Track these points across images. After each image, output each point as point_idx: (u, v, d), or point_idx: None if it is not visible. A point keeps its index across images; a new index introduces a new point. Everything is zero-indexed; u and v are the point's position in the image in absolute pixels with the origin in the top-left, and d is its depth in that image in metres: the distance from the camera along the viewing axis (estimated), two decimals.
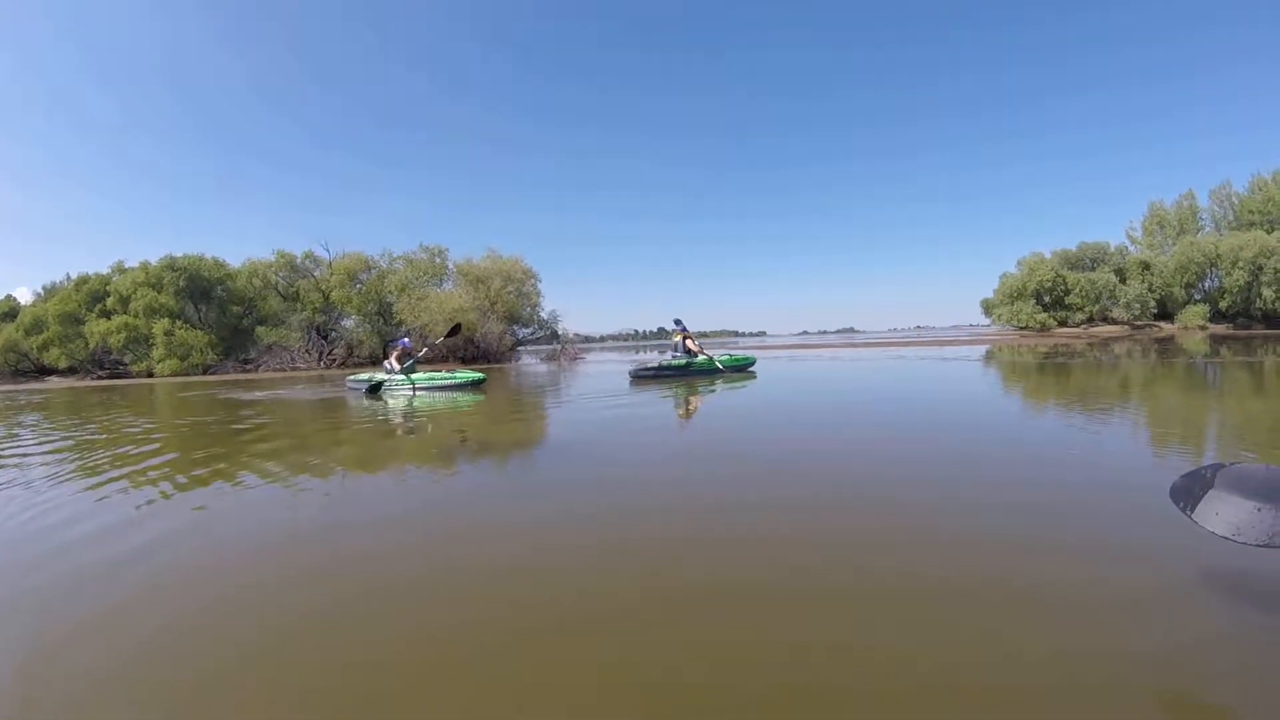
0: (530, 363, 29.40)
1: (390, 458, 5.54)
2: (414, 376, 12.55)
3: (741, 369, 13.49)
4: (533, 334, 32.99)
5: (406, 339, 13.74)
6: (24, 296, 48.07)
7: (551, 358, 30.52)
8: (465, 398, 10.95)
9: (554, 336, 32.94)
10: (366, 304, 33.08)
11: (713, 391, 10.06)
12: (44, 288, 45.77)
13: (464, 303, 29.54)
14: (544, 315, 32.74)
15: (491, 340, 30.20)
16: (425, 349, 13.73)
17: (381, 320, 32.97)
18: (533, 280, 32.21)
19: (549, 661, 1.71)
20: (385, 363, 13.19)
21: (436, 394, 11.68)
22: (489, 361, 30.27)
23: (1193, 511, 1.76)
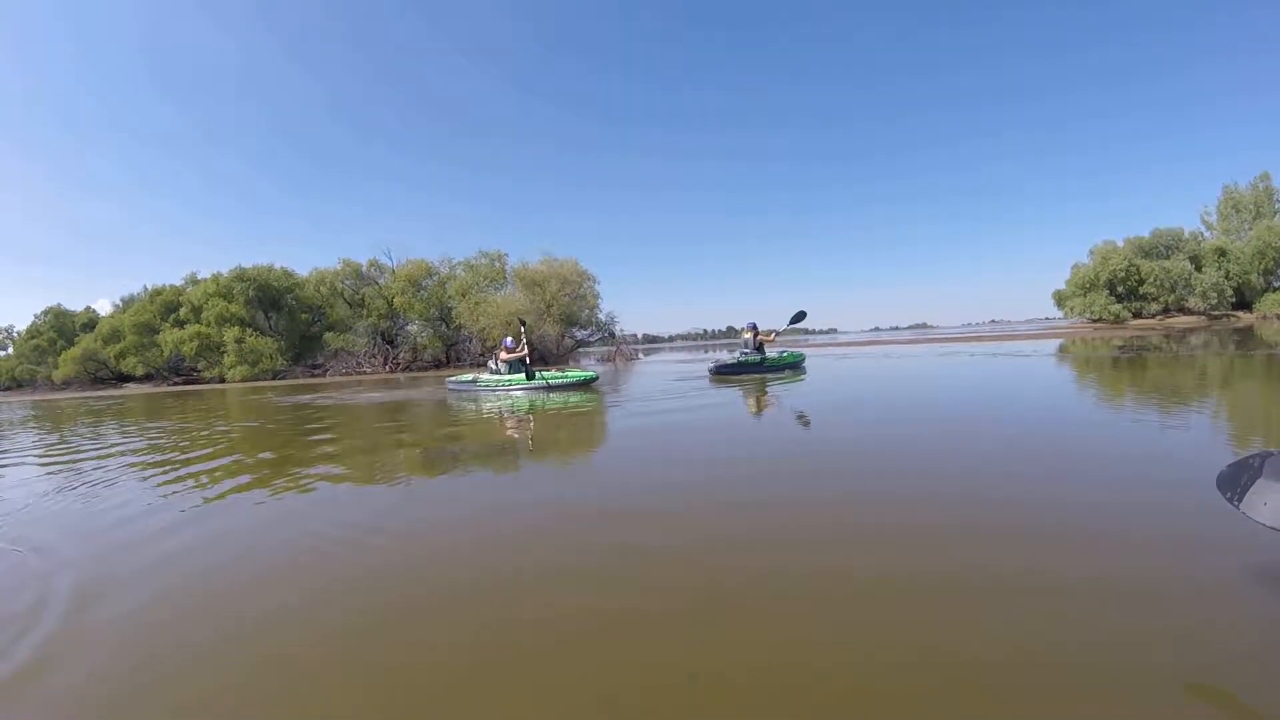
0: (589, 364, 28.84)
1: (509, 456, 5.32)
2: (519, 377, 11.98)
3: (793, 367, 13.59)
4: (591, 335, 32.36)
5: (510, 339, 13.06)
6: (104, 308, 49.60)
7: (608, 359, 29.99)
8: (575, 397, 10.33)
9: (611, 337, 32.30)
10: (428, 309, 32.96)
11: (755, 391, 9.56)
12: (122, 299, 47.04)
13: (521, 306, 29.13)
14: (602, 317, 32.12)
15: (549, 343, 29.72)
16: (525, 347, 13.08)
17: (444, 325, 32.82)
18: (589, 282, 31.66)
19: (598, 663, 1.68)
20: (490, 363, 12.78)
21: (546, 394, 11.09)
22: (546, 364, 29.85)
23: (1240, 502, 1.65)
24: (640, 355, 32.14)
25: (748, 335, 13.61)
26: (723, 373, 12.74)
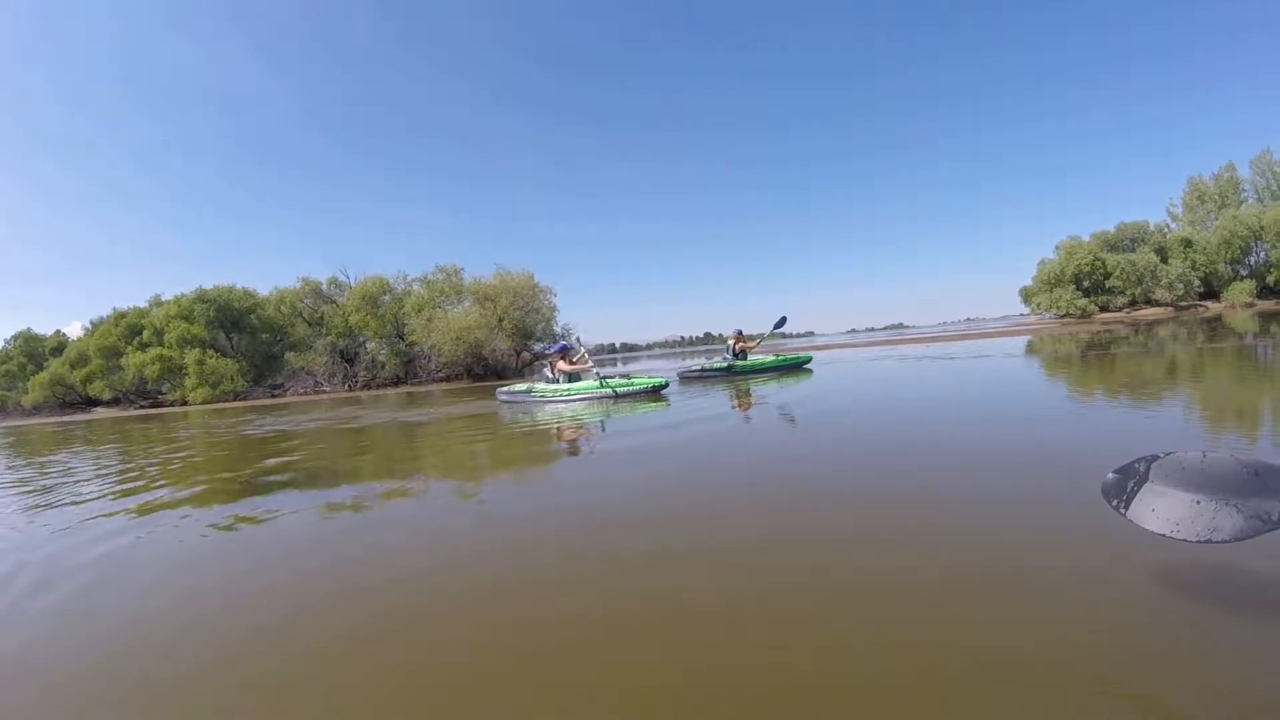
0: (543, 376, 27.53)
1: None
2: (581, 385, 10.62)
3: (777, 369, 13.50)
4: (548, 348, 30.93)
5: (564, 343, 11.76)
6: (74, 331, 48.04)
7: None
8: (646, 405, 8.89)
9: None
10: (384, 326, 31.52)
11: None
12: (91, 322, 45.46)
13: (472, 321, 27.72)
14: (558, 329, 30.66)
15: (501, 357, 28.33)
16: (582, 351, 11.73)
17: (400, 342, 31.38)
18: (545, 295, 30.21)
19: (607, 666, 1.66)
20: (545, 372, 11.44)
21: (614, 402, 9.76)
22: (500, 378, 28.51)
23: (1127, 509, 1.59)
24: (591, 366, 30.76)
25: (730, 341, 13.95)
26: (688, 377, 13.19)
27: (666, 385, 10.77)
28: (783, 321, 14.53)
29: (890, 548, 2.31)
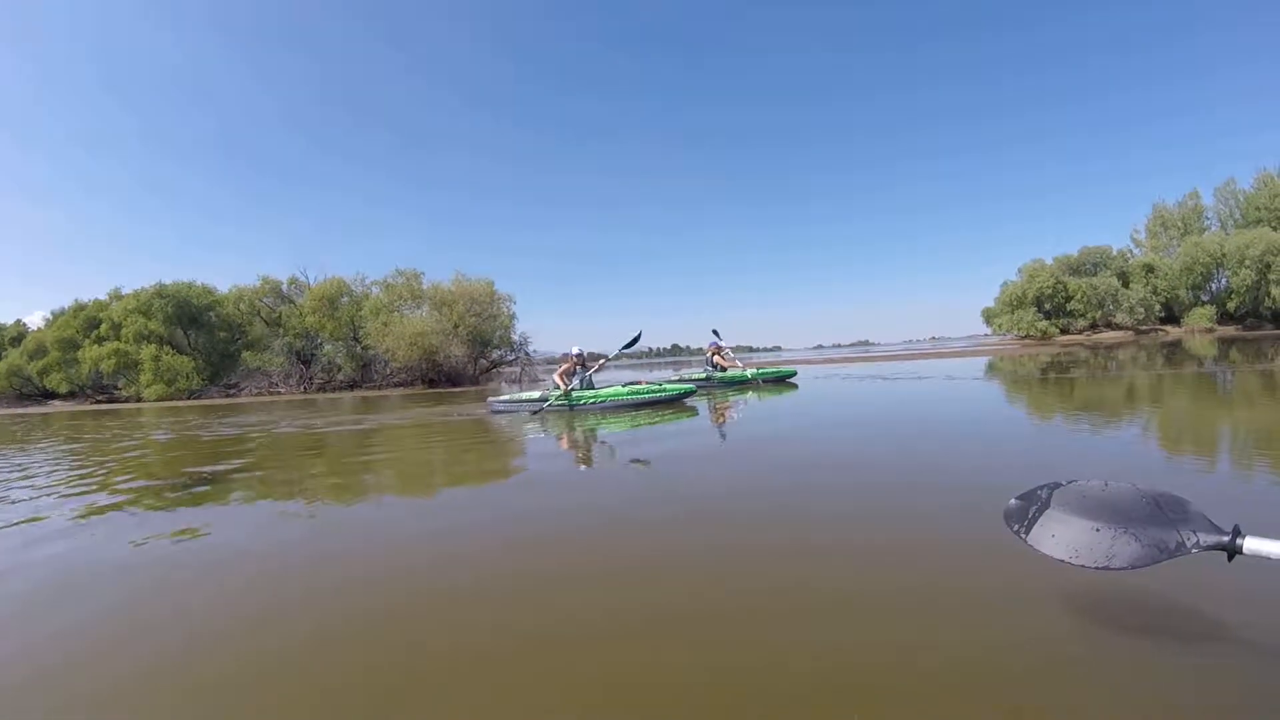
0: (500, 387, 27.00)
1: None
2: (603, 392, 9.73)
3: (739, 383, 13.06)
4: (504, 356, 30.38)
5: (576, 349, 10.60)
6: (35, 322, 46.76)
7: (514, 380, 28.16)
8: (671, 414, 8.35)
9: (526, 358, 30.37)
10: (341, 329, 30.83)
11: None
12: (52, 313, 44.32)
13: (427, 326, 27.14)
14: (516, 337, 30.15)
15: (456, 364, 27.76)
16: (601, 360, 10.93)
17: (357, 345, 30.71)
18: (504, 302, 29.65)
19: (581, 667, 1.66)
20: (552, 379, 10.37)
21: (634, 411, 8.91)
22: (455, 385, 27.93)
23: (1027, 535, 1.58)
24: (543, 376, 30.26)
25: (709, 353, 14.02)
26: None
27: (694, 392, 10.11)
28: (715, 333, 14.12)
29: (811, 566, 2.33)
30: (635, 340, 11.73)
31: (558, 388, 9.87)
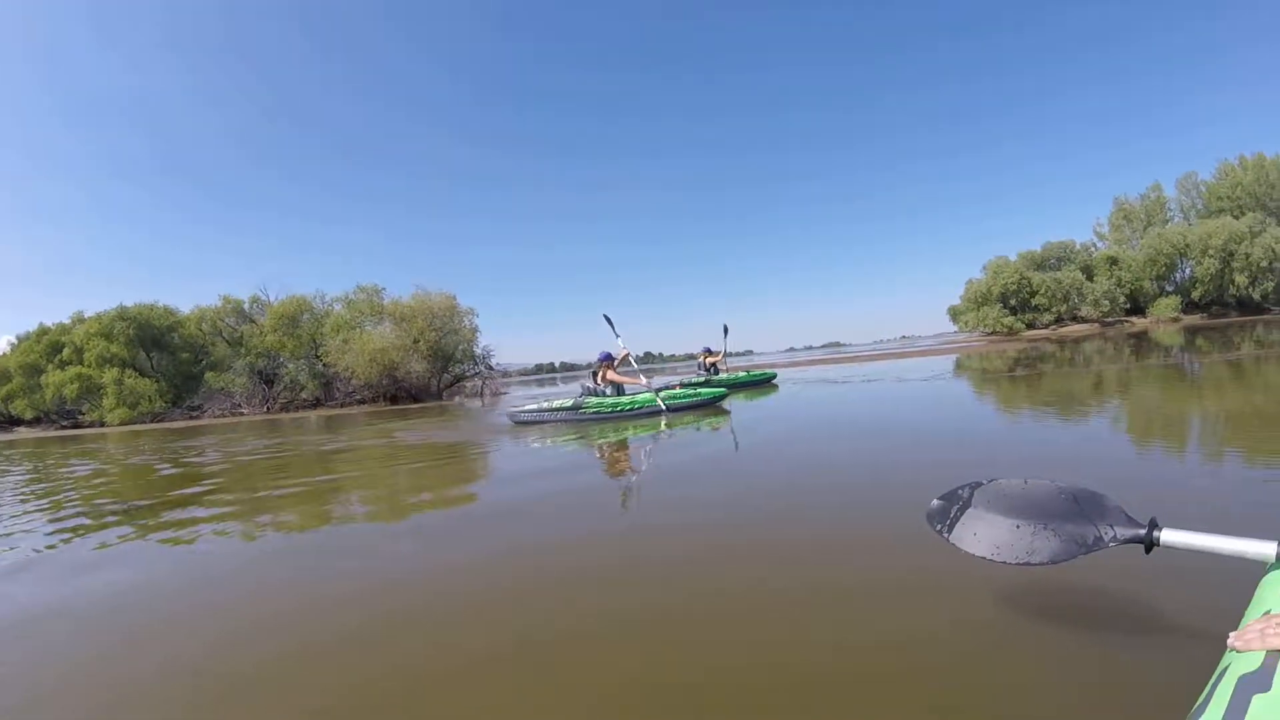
0: (460, 402, 26.63)
1: None
2: (641, 398, 9.19)
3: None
4: (467, 371, 30.01)
5: (609, 351, 9.89)
6: (1, 347, 45.95)
7: (475, 394, 27.81)
8: (706, 419, 8.10)
9: (489, 370, 30.02)
10: (302, 347, 30.38)
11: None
12: (17, 337, 43.54)
13: (387, 342, 26.76)
14: (478, 351, 29.78)
15: (417, 379, 27.39)
16: (628, 356, 10.41)
17: (319, 363, 30.27)
18: (466, 316, 29.28)
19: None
20: (586, 383, 9.67)
21: (664, 417, 8.61)
22: (417, 401, 27.53)
23: (949, 533, 1.61)
24: (504, 390, 29.93)
25: (700, 358, 13.66)
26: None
27: (726, 395, 9.90)
28: (725, 330, 13.93)
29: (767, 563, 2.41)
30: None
31: (598, 393, 9.26)
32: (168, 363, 34.75)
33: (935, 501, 1.71)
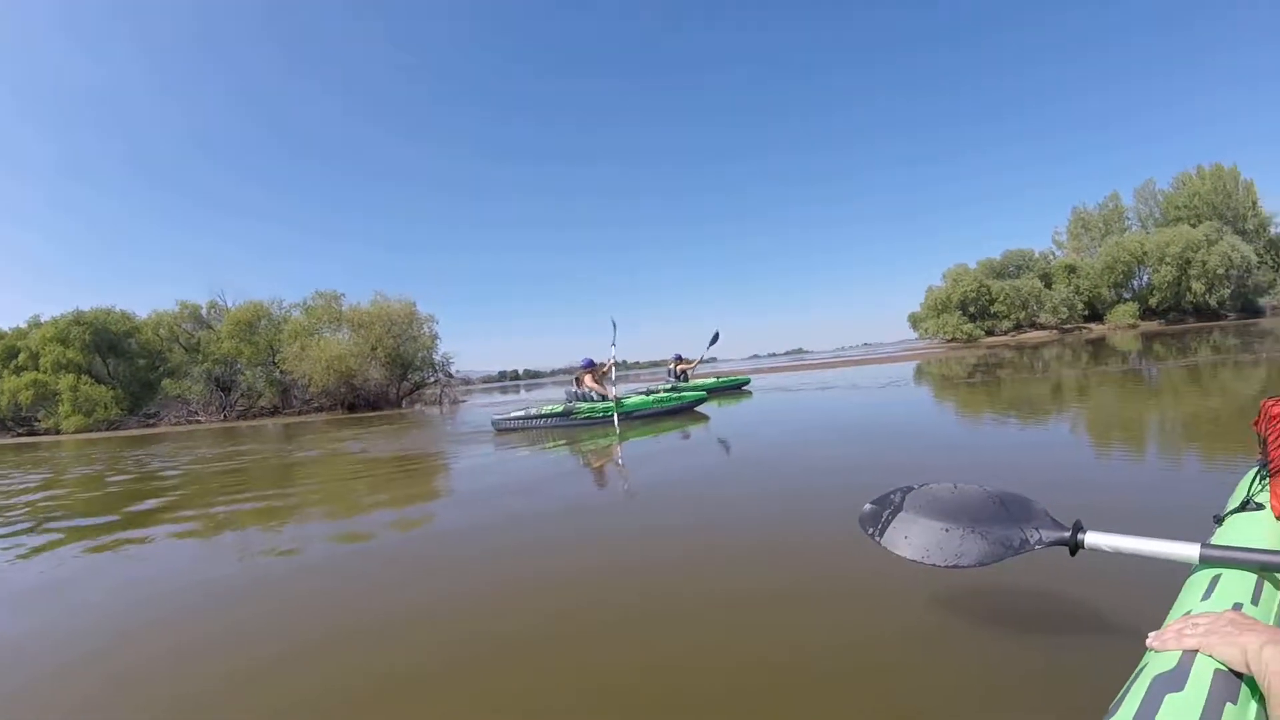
0: (420, 410, 26.53)
1: None
2: (626, 402, 9.25)
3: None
4: (427, 378, 29.90)
5: (592, 358, 9.90)
6: None
7: (434, 402, 27.73)
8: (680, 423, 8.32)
9: (449, 378, 29.93)
10: (259, 354, 30.12)
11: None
12: None
13: (344, 349, 26.62)
14: (437, 358, 29.70)
15: (374, 387, 27.26)
16: (696, 360, 10.82)
17: (276, 370, 30.02)
18: (425, 323, 29.20)
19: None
20: (577, 389, 9.57)
21: (652, 420, 8.92)
22: (376, 409, 27.40)
23: (881, 536, 1.64)
24: (463, 398, 29.86)
25: (671, 365, 13.42)
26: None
27: (706, 399, 10.20)
28: (716, 337, 13.40)
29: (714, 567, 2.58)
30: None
31: (586, 398, 9.27)
32: (124, 369, 34.24)
33: (868, 506, 1.74)
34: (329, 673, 1.90)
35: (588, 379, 9.53)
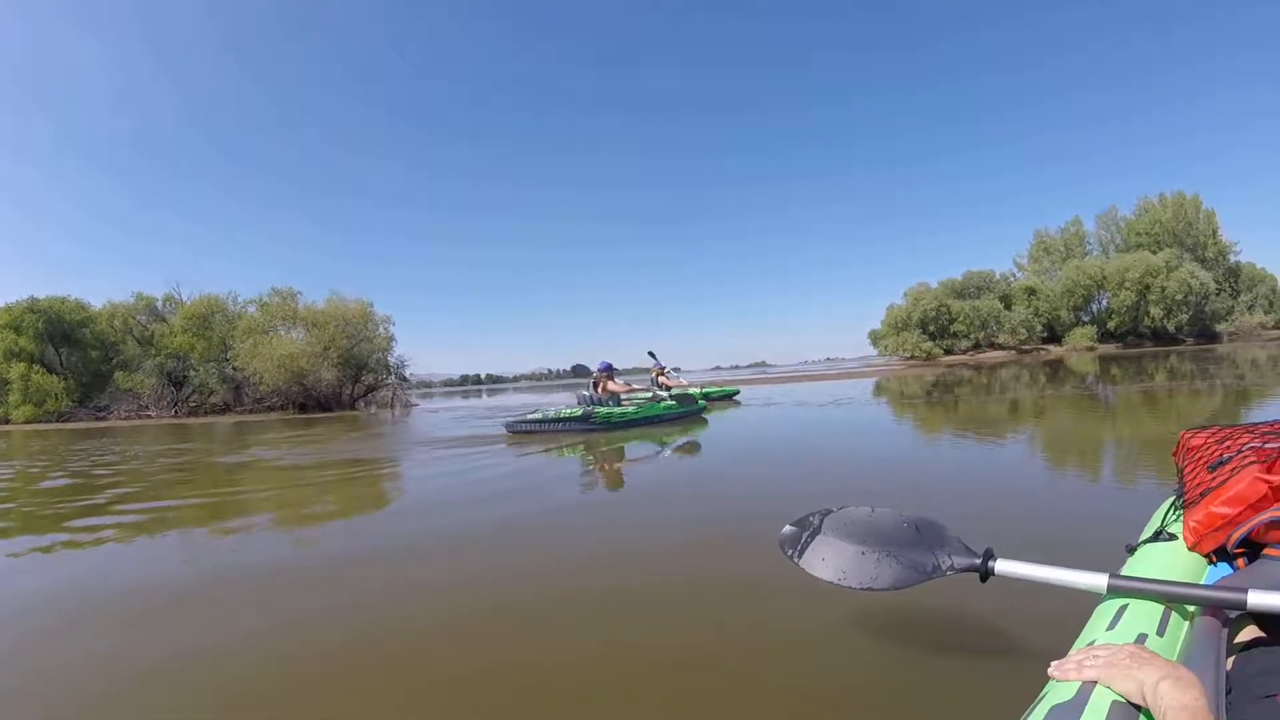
0: (374, 412, 26.38)
1: None
2: (629, 409, 9.39)
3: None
4: (381, 380, 29.72)
5: (609, 363, 9.97)
6: None
7: (386, 405, 27.57)
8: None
9: (403, 381, 29.77)
10: (212, 349, 29.80)
11: None
12: None
13: (296, 349, 26.40)
14: (392, 360, 29.54)
15: (326, 388, 27.07)
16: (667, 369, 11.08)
17: (228, 366, 29.71)
18: (381, 324, 29.03)
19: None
20: (591, 394, 9.51)
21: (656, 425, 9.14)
22: (327, 410, 27.22)
23: (800, 558, 1.66)
24: (416, 401, 29.75)
25: (653, 374, 13.46)
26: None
27: (706, 407, 10.59)
28: (651, 355, 13.86)
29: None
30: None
31: (604, 402, 9.44)
32: (77, 359, 33.66)
33: (788, 528, 1.74)
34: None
35: (608, 383, 9.73)
